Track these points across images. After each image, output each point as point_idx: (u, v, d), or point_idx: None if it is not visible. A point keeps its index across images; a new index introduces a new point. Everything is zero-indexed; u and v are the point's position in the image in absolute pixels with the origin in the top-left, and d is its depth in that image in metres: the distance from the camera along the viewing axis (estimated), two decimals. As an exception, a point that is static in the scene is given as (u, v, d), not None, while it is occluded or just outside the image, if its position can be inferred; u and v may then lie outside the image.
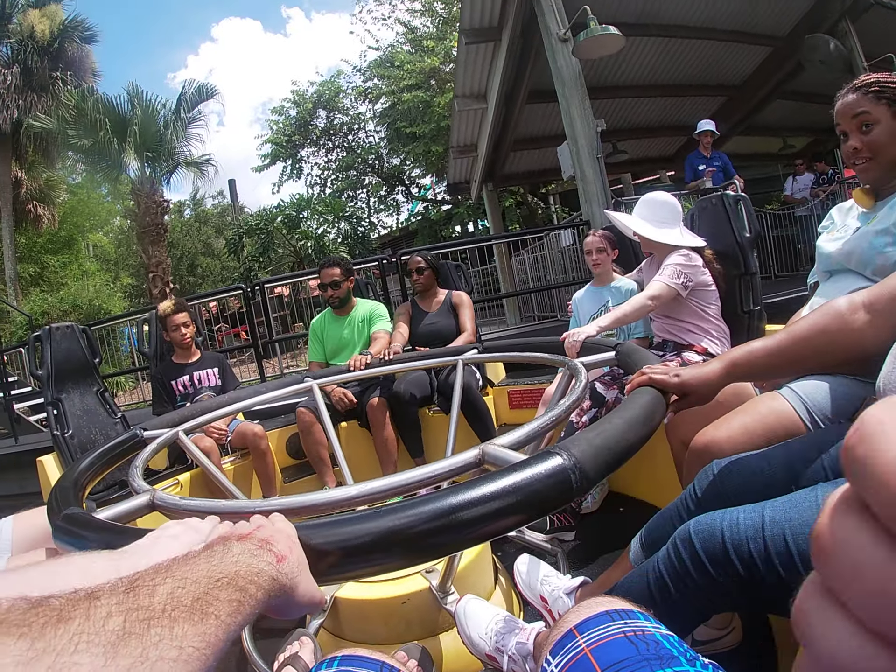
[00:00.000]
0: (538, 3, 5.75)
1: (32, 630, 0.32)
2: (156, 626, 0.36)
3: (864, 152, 1.41)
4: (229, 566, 0.46)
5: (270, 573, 0.50)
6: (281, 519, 0.65)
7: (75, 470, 1.27)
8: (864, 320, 1.03)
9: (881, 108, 1.37)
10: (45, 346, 2.82)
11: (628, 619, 0.66)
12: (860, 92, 1.39)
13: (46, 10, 15.70)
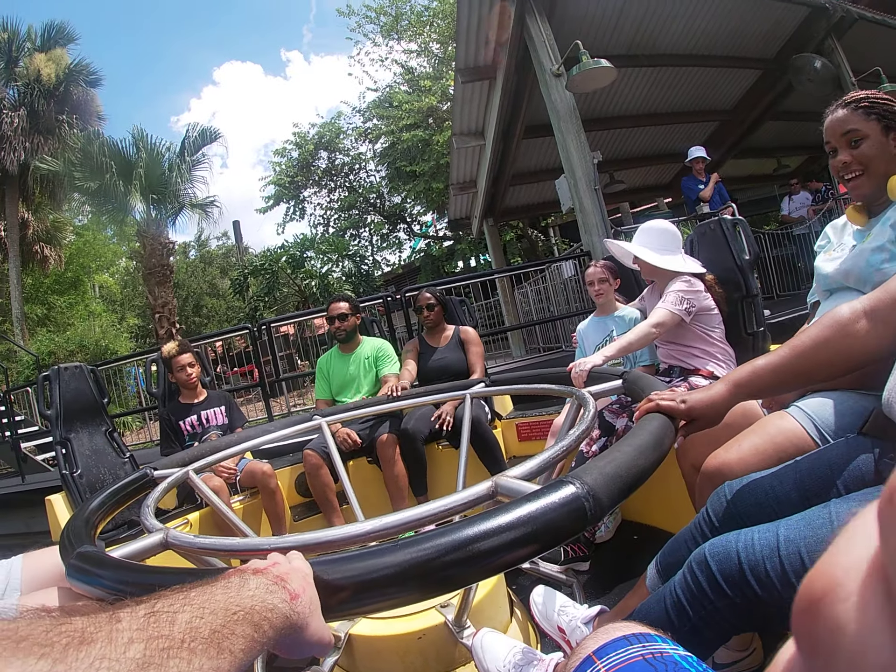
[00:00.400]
0: (531, 40, 5.89)
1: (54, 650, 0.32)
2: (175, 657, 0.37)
3: (854, 166, 1.42)
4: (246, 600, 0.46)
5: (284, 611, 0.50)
6: (298, 557, 0.66)
7: (86, 509, 1.27)
8: (866, 328, 1.04)
9: (871, 123, 1.39)
10: (53, 386, 2.83)
11: (646, 642, 0.66)
12: (849, 108, 1.42)
13: (52, 55, 16.11)
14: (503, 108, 7.27)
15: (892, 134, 1.39)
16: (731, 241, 2.43)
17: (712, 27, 7.06)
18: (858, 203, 1.51)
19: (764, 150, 10.67)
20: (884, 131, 1.39)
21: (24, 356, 13.25)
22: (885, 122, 1.38)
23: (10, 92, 16.14)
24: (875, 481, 1.01)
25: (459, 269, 17.76)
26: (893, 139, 1.39)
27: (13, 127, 15.30)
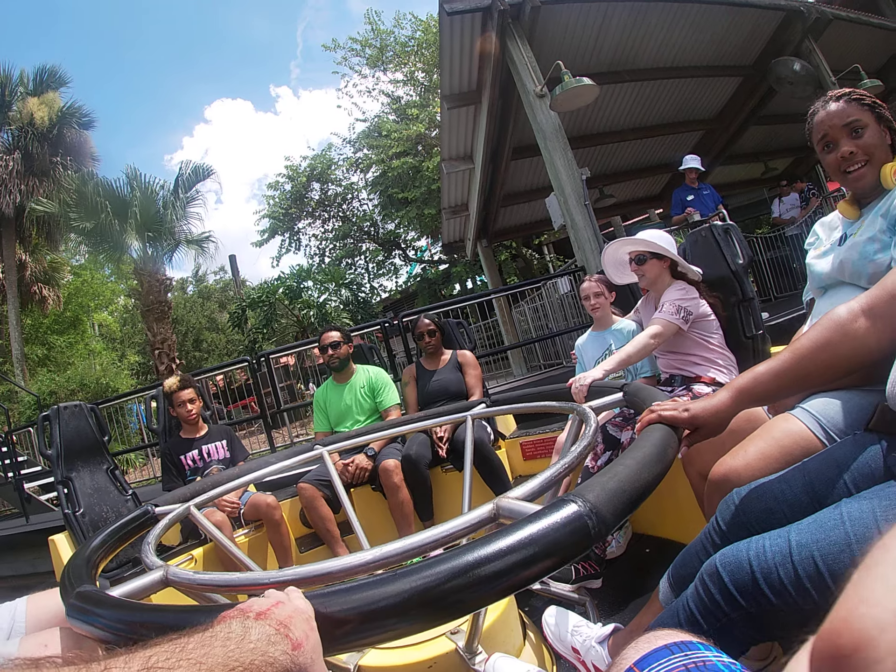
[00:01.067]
0: (513, 63, 5.98)
1: None
2: None
3: (859, 155, 1.43)
4: (246, 654, 0.44)
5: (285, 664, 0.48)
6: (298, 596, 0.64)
7: (87, 548, 1.26)
8: (865, 326, 1.03)
9: (867, 112, 1.41)
10: (53, 426, 2.82)
11: (689, 650, 0.64)
12: (843, 100, 1.44)
13: (45, 98, 16.33)
14: (490, 131, 7.34)
15: (883, 124, 1.41)
16: (724, 247, 2.43)
17: (690, 39, 7.17)
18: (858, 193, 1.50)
19: (750, 154, 10.78)
20: (878, 121, 1.42)
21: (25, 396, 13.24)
22: (877, 113, 1.41)
23: (4, 136, 16.41)
24: (885, 477, 1.00)
25: (456, 291, 17.85)
26: (884, 129, 1.41)
27: (8, 170, 15.48)
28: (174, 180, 13.99)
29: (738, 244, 2.45)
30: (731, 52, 7.70)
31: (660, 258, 2.36)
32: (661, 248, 2.31)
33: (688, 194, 6.61)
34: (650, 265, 2.38)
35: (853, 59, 7.55)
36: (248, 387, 10.48)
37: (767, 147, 10.78)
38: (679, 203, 6.62)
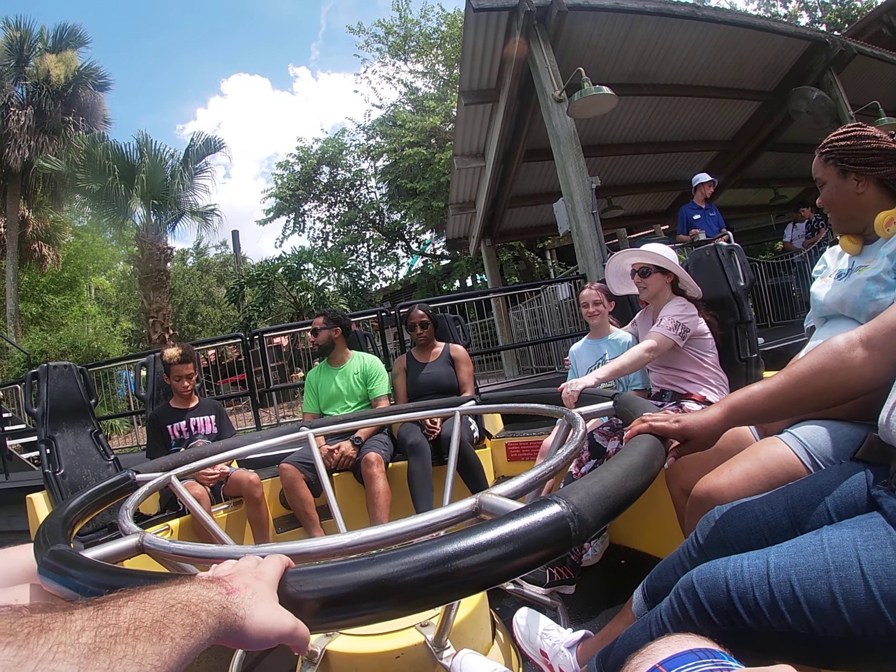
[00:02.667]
0: (534, 66, 5.98)
1: (18, 638, 0.37)
2: (121, 643, 0.41)
3: (825, 208, 1.54)
4: (182, 594, 0.50)
5: (220, 602, 0.53)
6: (250, 559, 0.68)
7: (65, 508, 1.25)
8: (862, 357, 1.04)
9: (829, 168, 1.47)
10: (41, 384, 2.80)
11: (715, 658, 0.65)
12: (817, 154, 1.51)
13: (63, 56, 16.22)
14: (504, 131, 7.34)
15: (850, 175, 1.44)
16: (727, 268, 2.44)
17: (713, 59, 7.18)
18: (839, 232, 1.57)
19: (761, 180, 10.81)
20: (840, 175, 1.45)
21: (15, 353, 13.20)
22: (841, 167, 1.44)
23: (18, 90, 16.24)
24: (868, 507, 1.00)
25: (456, 287, 17.83)
26: (854, 178, 1.43)
27: (19, 125, 15.34)
28: (184, 150, 13.96)
29: (741, 266, 2.46)
30: (753, 76, 7.71)
31: (664, 272, 2.36)
32: (668, 261, 2.31)
33: (694, 213, 6.54)
34: (654, 279, 2.38)
35: (873, 95, 7.57)
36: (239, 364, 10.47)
37: (779, 174, 10.79)
38: (685, 221, 6.55)
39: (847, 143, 1.43)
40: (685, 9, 6.54)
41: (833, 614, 0.82)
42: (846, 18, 18.96)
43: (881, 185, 1.41)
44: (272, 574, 0.63)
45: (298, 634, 0.59)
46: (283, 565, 0.66)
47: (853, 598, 0.81)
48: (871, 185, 1.42)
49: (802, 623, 0.84)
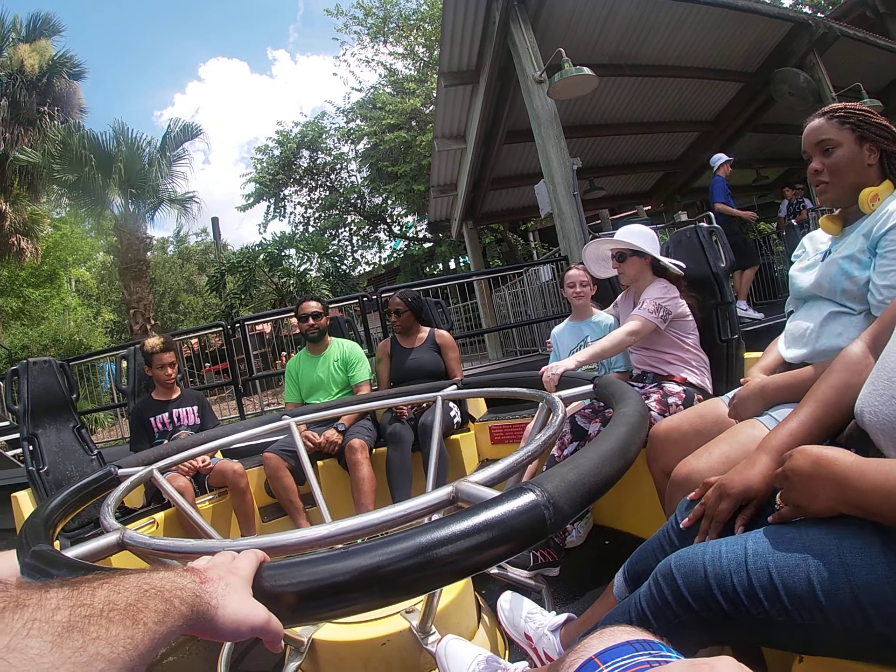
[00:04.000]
0: (514, 47, 5.91)
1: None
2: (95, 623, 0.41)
3: (823, 174, 1.44)
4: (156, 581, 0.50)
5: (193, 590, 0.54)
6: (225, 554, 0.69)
7: (47, 507, 1.25)
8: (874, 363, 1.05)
9: (845, 132, 1.40)
10: (22, 381, 2.77)
11: (652, 650, 0.64)
12: (825, 117, 1.43)
13: (36, 46, 15.76)
14: (485, 112, 7.29)
15: (866, 144, 1.39)
16: (707, 249, 2.45)
17: (695, 39, 7.15)
18: (834, 213, 1.52)
19: (743, 161, 10.83)
20: (858, 141, 1.39)
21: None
22: (860, 132, 1.39)
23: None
24: None
25: (439, 270, 17.79)
26: (868, 150, 1.39)
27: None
28: (161, 137, 13.70)
29: (722, 248, 2.47)
30: (735, 57, 7.73)
31: (641, 255, 2.36)
32: (640, 247, 2.32)
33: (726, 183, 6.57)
34: (630, 262, 2.38)
35: (856, 77, 7.61)
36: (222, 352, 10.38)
37: (761, 155, 10.85)
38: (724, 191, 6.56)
39: (865, 112, 1.41)
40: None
41: (811, 602, 0.82)
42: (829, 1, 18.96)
43: (880, 163, 1.40)
44: (247, 569, 0.64)
45: (271, 628, 0.60)
46: (258, 560, 0.67)
47: (831, 586, 0.81)
48: (876, 160, 1.40)
49: (780, 610, 0.84)
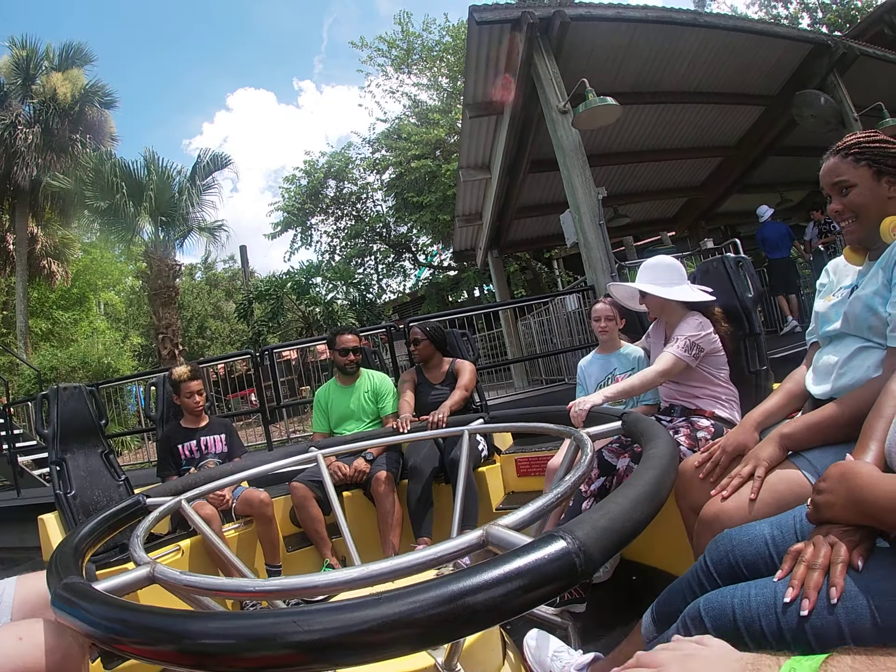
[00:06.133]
0: (538, 78, 6.00)
1: None
2: None
3: (846, 214, 1.42)
4: None
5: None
6: None
7: (76, 535, 1.27)
8: None
9: (861, 170, 1.38)
10: (52, 406, 2.82)
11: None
12: (839, 156, 1.42)
13: (69, 74, 16.36)
14: (509, 143, 7.37)
15: (885, 178, 1.37)
16: (735, 280, 2.43)
17: (716, 65, 7.19)
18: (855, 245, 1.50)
19: (767, 184, 10.81)
20: (875, 176, 1.37)
21: (25, 370, 13.29)
22: (877, 167, 1.37)
23: (25, 108, 16.35)
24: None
25: (464, 298, 17.85)
26: (887, 182, 1.37)
27: (27, 143, 15.45)
28: (191, 167, 14.07)
29: (750, 278, 2.45)
30: (756, 81, 7.72)
31: None
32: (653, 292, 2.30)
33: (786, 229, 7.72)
34: (651, 299, 2.36)
35: (877, 96, 7.55)
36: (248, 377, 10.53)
37: (784, 178, 10.78)
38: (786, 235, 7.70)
39: (879, 145, 1.38)
40: (687, 16, 6.59)
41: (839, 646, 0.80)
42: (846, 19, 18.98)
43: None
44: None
45: None
46: None
47: (859, 628, 0.79)
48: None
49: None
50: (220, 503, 2.88)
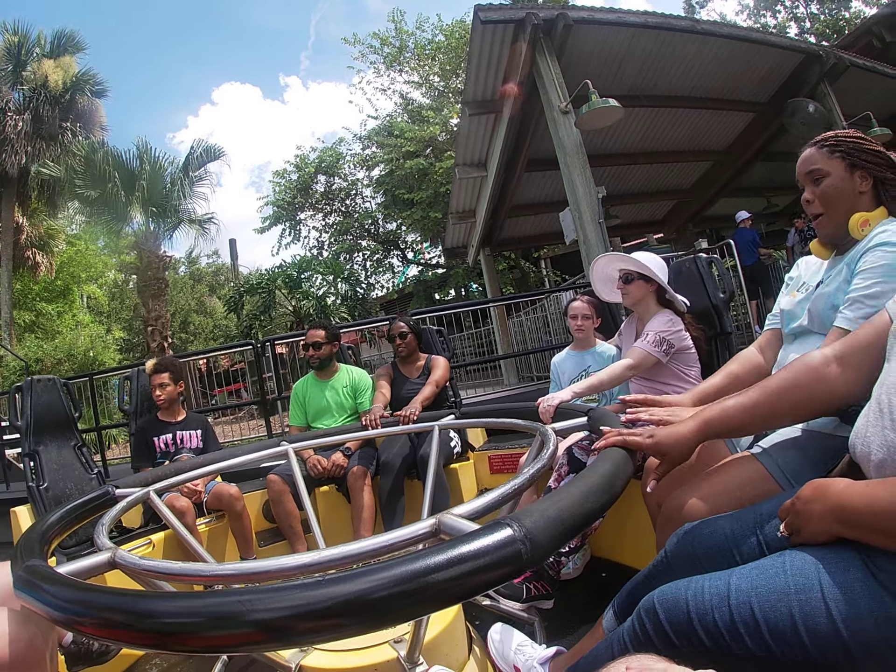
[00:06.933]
0: (540, 78, 6.11)
1: None
2: None
3: (815, 205, 1.43)
4: None
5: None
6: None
7: (44, 523, 1.27)
8: (835, 372, 1.06)
9: (834, 161, 1.39)
10: (25, 398, 2.80)
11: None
12: (816, 146, 1.43)
13: (61, 62, 16.05)
14: (507, 141, 7.47)
15: (857, 172, 1.38)
16: (707, 280, 2.45)
17: (711, 71, 7.33)
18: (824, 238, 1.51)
19: (754, 189, 10.96)
20: (848, 169, 1.38)
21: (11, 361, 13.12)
22: (851, 160, 1.38)
23: (15, 95, 15.98)
24: None
25: (451, 296, 17.86)
26: (860, 177, 1.38)
27: (16, 130, 15.11)
28: (184, 158, 13.97)
29: (721, 278, 2.47)
30: (748, 87, 7.89)
31: (647, 280, 2.36)
32: (650, 270, 2.30)
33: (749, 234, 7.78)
34: (636, 285, 2.36)
35: (866, 105, 7.70)
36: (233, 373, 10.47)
37: (771, 183, 10.91)
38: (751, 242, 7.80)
39: (856, 140, 1.40)
40: (685, 23, 6.76)
41: (792, 637, 0.82)
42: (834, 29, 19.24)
43: (874, 189, 1.39)
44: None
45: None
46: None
47: (813, 621, 0.81)
48: (869, 187, 1.39)
49: (761, 645, 0.84)
50: (193, 496, 2.86)
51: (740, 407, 1.12)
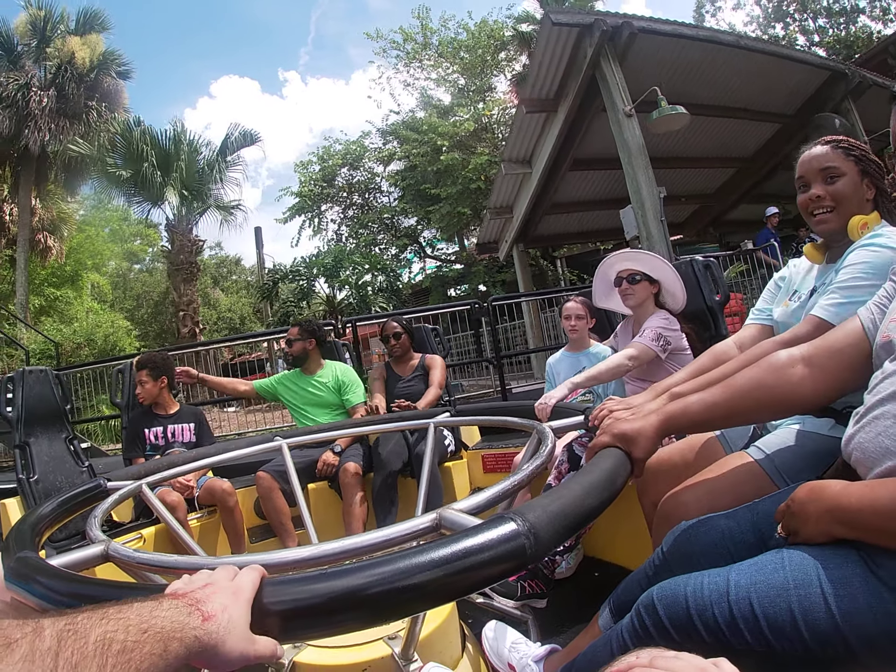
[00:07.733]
0: (604, 81, 6.35)
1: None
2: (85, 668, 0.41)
3: (826, 201, 1.43)
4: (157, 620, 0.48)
5: (195, 632, 0.51)
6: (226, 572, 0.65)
7: (34, 515, 1.26)
8: (801, 374, 1.04)
9: (850, 163, 1.41)
10: (17, 389, 2.78)
11: None
12: (829, 146, 1.44)
13: (87, 39, 15.60)
14: (559, 140, 7.67)
15: (866, 179, 1.41)
16: (702, 282, 2.45)
17: (746, 83, 7.60)
18: (819, 241, 1.52)
19: (773, 196, 11.11)
20: (860, 174, 1.41)
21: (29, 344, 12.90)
22: (863, 166, 1.41)
23: (39, 71, 15.53)
24: None
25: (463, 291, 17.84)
26: (867, 184, 1.41)
27: (41, 106, 14.46)
28: (221, 141, 13.90)
29: (717, 281, 2.47)
30: (778, 100, 8.26)
31: (651, 282, 2.36)
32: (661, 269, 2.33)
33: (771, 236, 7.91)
34: (641, 286, 2.36)
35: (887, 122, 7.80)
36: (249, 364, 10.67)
37: (788, 191, 10.96)
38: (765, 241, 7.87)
39: (864, 149, 1.43)
40: (730, 38, 7.20)
41: (792, 632, 0.82)
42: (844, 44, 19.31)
43: (875, 199, 1.42)
44: (249, 590, 0.61)
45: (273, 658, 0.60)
46: (260, 576, 0.65)
47: (812, 616, 0.81)
48: (872, 196, 1.42)
49: (761, 640, 0.84)
50: (185, 491, 2.83)
51: (703, 404, 1.10)
